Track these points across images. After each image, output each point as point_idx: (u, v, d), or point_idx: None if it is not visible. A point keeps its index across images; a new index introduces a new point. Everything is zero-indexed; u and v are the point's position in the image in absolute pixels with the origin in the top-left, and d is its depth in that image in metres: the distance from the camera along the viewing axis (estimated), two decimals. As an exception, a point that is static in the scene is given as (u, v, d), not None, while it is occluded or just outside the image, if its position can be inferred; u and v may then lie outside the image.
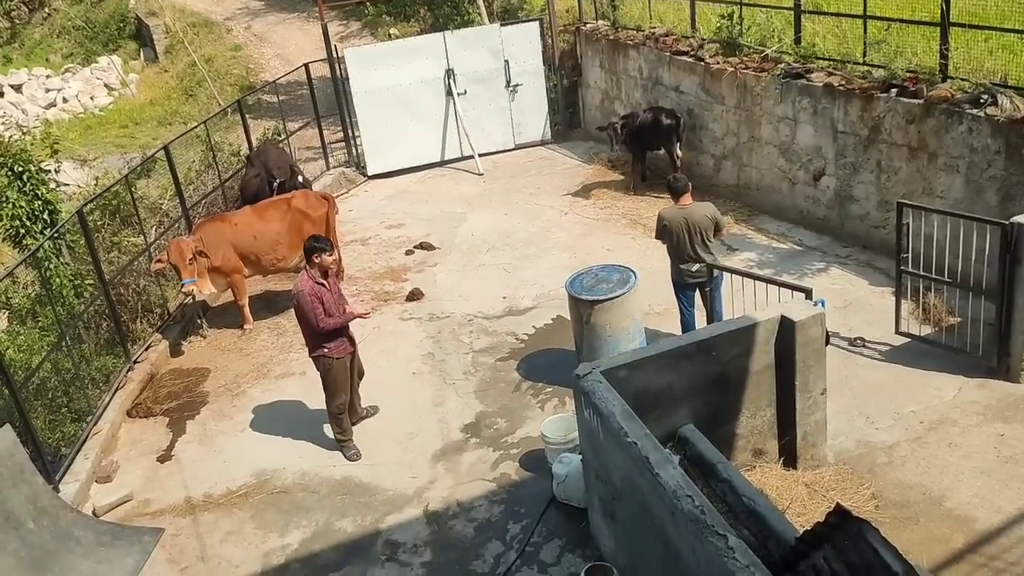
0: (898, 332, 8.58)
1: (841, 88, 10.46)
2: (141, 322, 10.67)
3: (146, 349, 10.37)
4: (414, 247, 12.45)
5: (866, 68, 10.51)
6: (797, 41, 11.43)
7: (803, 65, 11.18)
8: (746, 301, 7.91)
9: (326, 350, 7.80)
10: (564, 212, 12.90)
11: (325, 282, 7.66)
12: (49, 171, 11.25)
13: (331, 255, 7.68)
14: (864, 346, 8.65)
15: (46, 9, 32.36)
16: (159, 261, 10.07)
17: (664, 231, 8.32)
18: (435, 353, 9.75)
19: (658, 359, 6.30)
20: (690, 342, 6.43)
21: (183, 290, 10.01)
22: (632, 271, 8.41)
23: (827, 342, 6.64)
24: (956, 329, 8.37)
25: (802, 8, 11.45)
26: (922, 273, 8.43)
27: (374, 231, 13.10)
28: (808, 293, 7.14)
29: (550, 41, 15.80)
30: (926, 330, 8.58)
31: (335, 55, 15.32)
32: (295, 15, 27.74)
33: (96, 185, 13.00)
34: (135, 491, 8.05)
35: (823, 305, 6.79)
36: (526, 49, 15.42)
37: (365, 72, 14.86)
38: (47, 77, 28.28)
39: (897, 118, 9.83)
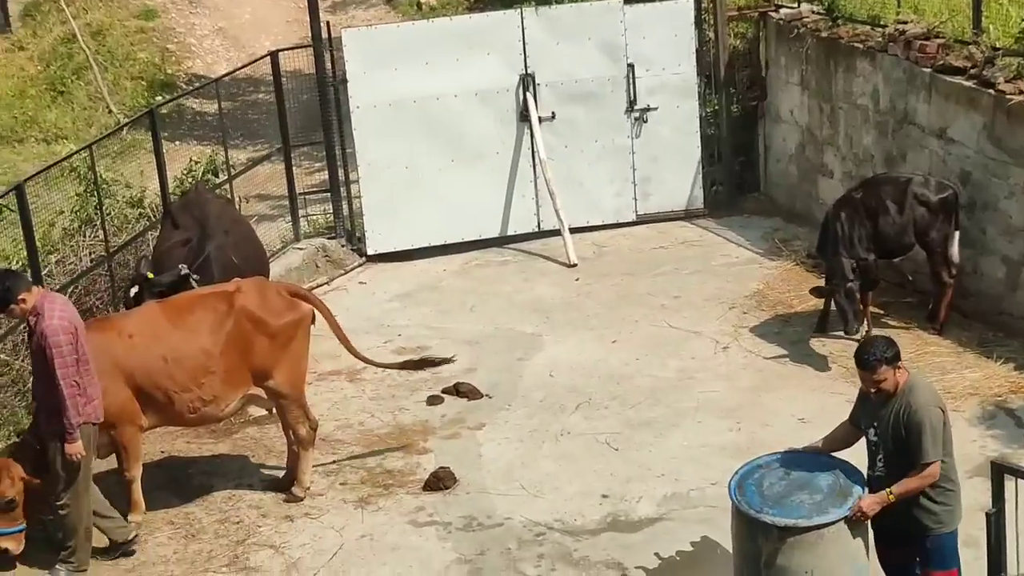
0: None
1: None
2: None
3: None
4: (444, 391, 9.35)
5: None
6: None
7: None
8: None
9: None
10: (724, 344, 9.90)
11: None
12: None
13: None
14: None
15: None
16: None
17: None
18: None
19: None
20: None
21: None
22: (858, 472, 5.99)
23: None
24: None
25: None
26: None
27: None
28: None
29: (711, 35, 11.89)
30: None
31: (325, 37, 11.70)
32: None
33: None
34: None
35: None
36: (667, 46, 11.56)
37: (376, 71, 11.37)
38: None
39: None
